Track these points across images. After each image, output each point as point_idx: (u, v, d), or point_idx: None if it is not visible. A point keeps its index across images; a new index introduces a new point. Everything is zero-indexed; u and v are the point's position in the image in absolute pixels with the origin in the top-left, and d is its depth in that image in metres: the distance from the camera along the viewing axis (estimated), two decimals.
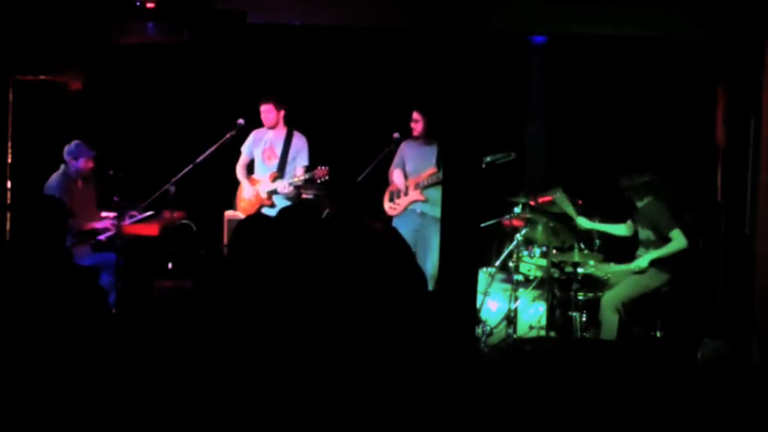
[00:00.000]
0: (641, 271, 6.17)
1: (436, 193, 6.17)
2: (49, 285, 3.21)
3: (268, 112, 6.59)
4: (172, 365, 3.00)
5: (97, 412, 3.02)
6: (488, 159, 6.26)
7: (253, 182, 6.74)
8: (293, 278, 3.18)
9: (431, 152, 6.47)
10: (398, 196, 6.63)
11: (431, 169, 6.44)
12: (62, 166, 6.28)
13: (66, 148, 6.28)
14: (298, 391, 2.86)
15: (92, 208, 6.46)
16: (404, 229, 6.33)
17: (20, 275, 3.24)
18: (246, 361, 2.93)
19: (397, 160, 6.67)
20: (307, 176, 6.48)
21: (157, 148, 7.36)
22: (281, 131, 6.68)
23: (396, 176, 6.63)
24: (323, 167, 6.44)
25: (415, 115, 6.51)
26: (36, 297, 3.18)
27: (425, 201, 6.47)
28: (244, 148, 6.75)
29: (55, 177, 6.25)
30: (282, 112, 6.63)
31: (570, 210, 6.36)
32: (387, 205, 6.68)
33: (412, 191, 6.56)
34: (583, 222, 6.41)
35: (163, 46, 6.40)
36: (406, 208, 6.57)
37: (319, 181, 6.45)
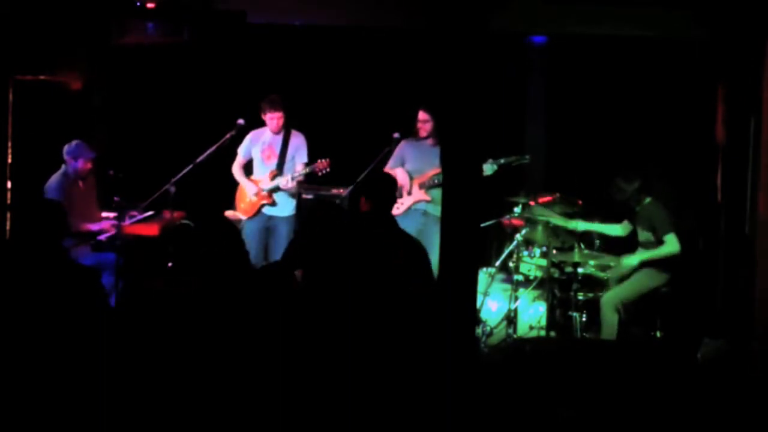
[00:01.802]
0: (636, 270, 6.16)
1: (440, 193, 6.14)
2: (50, 284, 3.22)
3: (279, 119, 6.59)
4: (172, 364, 3.00)
5: (98, 410, 3.02)
6: (502, 161, 6.27)
7: (252, 182, 6.73)
8: (293, 279, 3.18)
9: (435, 152, 6.41)
10: (400, 195, 6.58)
11: (435, 168, 6.37)
12: (63, 167, 6.27)
13: (66, 148, 6.26)
14: (299, 391, 2.86)
15: (93, 208, 6.46)
16: (407, 229, 6.31)
17: (20, 275, 3.25)
18: (247, 361, 2.93)
19: (395, 159, 6.59)
20: (308, 170, 6.49)
21: (157, 149, 7.36)
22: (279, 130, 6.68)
23: (400, 175, 6.55)
24: (324, 160, 6.44)
25: (423, 116, 6.47)
26: (37, 296, 3.18)
27: (429, 201, 6.45)
28: (241, 150, 6.74)
29: (55, 177, 6.24)
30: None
31: (559, 221, 6.35)
32: None
33: (416, 191, 6.53)
34: (580, 224, 6.39)
35: (163, 46, 6.41)
36: (409, 208, 6.55)
37: (320, 173, 6.46)
